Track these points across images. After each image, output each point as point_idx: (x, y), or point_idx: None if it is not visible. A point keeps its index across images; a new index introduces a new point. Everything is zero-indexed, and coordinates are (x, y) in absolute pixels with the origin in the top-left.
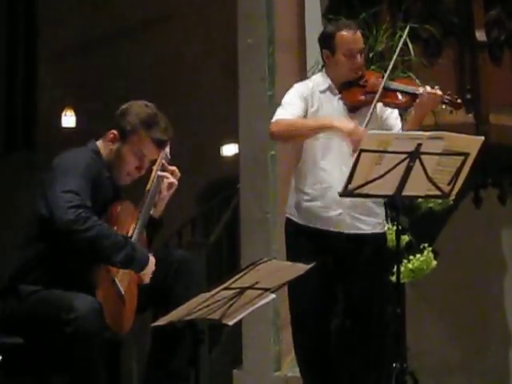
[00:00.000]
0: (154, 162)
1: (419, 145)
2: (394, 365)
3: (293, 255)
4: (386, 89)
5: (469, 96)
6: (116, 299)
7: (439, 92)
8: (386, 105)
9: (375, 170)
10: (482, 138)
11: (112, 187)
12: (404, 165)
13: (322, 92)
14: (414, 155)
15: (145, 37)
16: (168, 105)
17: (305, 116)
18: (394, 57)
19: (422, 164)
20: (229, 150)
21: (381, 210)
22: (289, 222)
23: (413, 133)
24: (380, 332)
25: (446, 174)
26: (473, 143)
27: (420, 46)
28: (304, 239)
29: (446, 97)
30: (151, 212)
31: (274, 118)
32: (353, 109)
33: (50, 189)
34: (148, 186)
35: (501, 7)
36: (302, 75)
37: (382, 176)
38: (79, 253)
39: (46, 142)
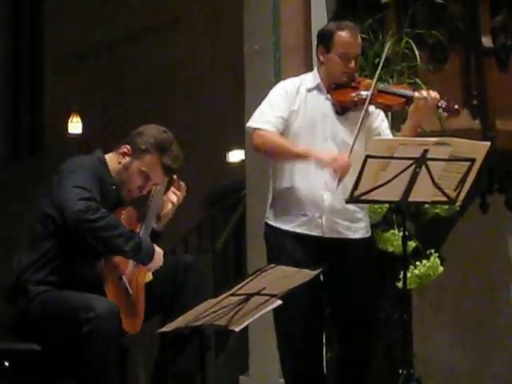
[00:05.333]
0: None
1: (425, 151)
2: (401, 371)
3: (275, 260)
4: (379, 90)
5: (475, 102)
6: (124, 297)
7: (434, 95)
8: (377, 106)
9: (381, 176)
10: (489, 143)
11: (115, 195)
12: (410, 171)
13: (309, 90)
14: (421, 161)
15: (152, 42)
16: (174, 111)
17: (286, 118)
18: (383, 57)
19: (428, 170)
20: (235, 155)
21: (363, 215)
22: (268, 226)
23: (419, 139)
24: (367, 342)
25: (452, 179)
26: (479, 149)
27: (426, 51)
28: (285, 243)
29: (442, 102)
30: (154, 225)
31: (255, 124)
32: (341, 110)
33: (59, 186)
34: (151, 193)
35: (507, 13)
36: None
37: (388, 182)
38: (87, 249)
39: (52, 148)
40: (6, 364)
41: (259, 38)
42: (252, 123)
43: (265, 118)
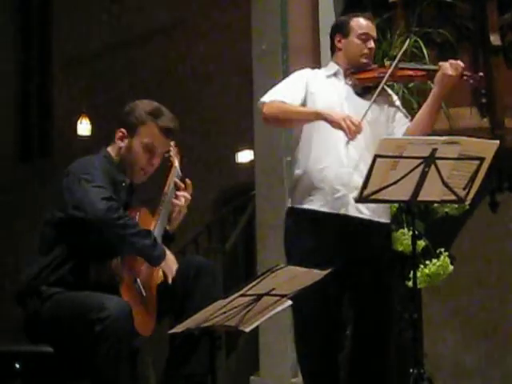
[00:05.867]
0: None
1: (434, 150)
2: (412, 370)
3: (290, 244)
4: (401, 68)
5: (484, 100)
6: (138, 299)
7: (460, 62)
8: (399, 80)
9: (390, 176)
10: (497, 142)
11: (126, 192)
12: (419, 170)
13: (328, 77)
14: (430, 160)
15: (160, 44)
16: (184, 111)
17: (302, 97)
18: (405, 45)
19: (437, 169)
20: (244, 156)
21: None
22: (291, 211)
23: (428, 138)
24: (385, 340)
25: (461, 178)
26: (488, 147)
27: (434, 50)
28: (306, 224)
29: (466, 72)
30: (166, 227)
31: (268, 98)
32: (361, 91)
33: (74, 187)
34: (165, 189)
35: None
36: None
37: (397, 181)
38: (100, 251)
39: (61, 150)
40: (17, 366)
41: (267, 38)
42: (263, 98)
43: (278, 93)
